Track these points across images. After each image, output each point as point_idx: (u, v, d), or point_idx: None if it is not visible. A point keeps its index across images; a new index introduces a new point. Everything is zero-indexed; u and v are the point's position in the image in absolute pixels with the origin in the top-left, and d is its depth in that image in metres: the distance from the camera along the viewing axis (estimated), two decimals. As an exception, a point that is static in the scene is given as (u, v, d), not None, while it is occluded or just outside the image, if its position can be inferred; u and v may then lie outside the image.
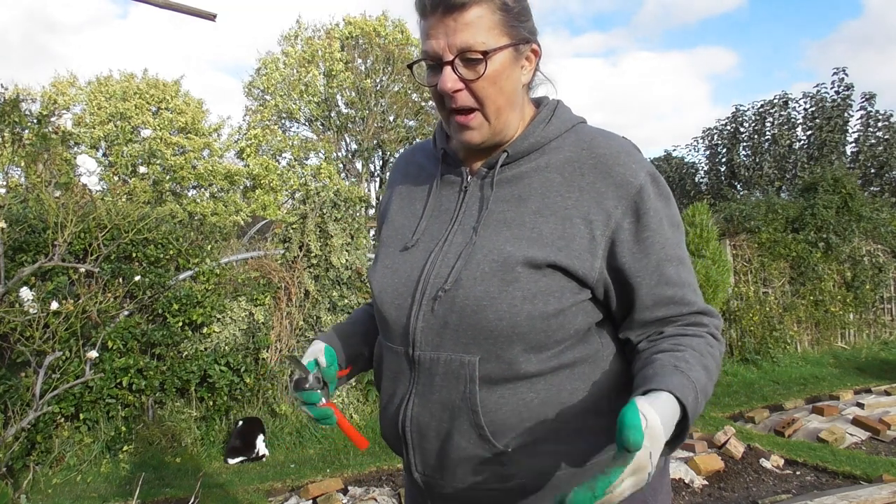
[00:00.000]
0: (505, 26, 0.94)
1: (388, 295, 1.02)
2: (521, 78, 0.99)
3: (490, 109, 0.96)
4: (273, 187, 17.81)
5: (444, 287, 0.94)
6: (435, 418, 0.96)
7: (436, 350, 0.95)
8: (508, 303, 0.90)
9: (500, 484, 0.95)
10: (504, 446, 0.93)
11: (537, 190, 0.97)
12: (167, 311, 4.65)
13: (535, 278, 0.91)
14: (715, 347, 0.95)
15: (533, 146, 1.00)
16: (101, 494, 3.90)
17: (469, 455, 0.94)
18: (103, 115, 16.79)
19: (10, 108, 4.28)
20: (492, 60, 0.92)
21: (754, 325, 6.97)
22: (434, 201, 1.05)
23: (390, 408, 1.03)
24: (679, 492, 3.59)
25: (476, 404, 0.93)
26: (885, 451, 4.29)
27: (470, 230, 0.98)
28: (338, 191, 5.50)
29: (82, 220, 3.97)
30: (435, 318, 0.95)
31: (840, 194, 7.90)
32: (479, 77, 0.92)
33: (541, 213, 0.95)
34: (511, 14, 0.95)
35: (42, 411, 3.02)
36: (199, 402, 4.76)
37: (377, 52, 18.18)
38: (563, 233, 0.93)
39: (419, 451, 0.99)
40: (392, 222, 1.10)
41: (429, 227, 1.03)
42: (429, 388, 0.96)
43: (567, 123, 1.03)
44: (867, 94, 13.25)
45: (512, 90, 0.97)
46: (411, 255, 1.02)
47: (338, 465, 4.35)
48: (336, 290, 5.25)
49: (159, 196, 15.09)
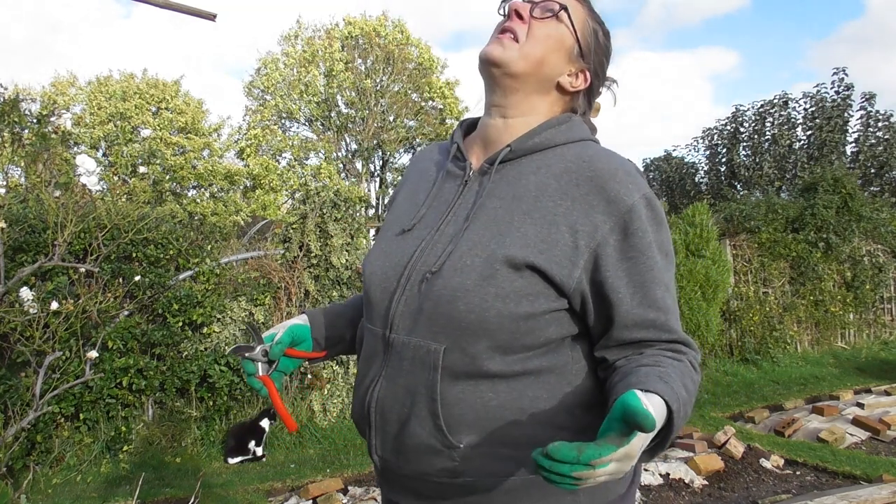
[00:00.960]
0: (582, 30, 1.03)
1: (377, 277, 1.04)
2: (562, 72, 1.03)
3: (527, 49, 0.99)
4: (273, 187, 17.81)
5: (432, 269, 0.96)
6: (398, 402, 0.97)
7: (409, 334, 0.97)
8: (481, 297, 0.91)
9: (448, 478, 0.95)
10: (457, 441, 0.93)
11: (531, 192, 0.98)
12: (167, 311, 4.65)
13: (512, 278, 0.92)
14: (694, 376, 0.92)
15: (537, 146, 1.01)
16: (101, 494, 3.90)
17: (422, 444, 0.95)
18: (103, 115, 16.79)
19: (9, 107, 4.28)
20: (560, 18, 1.01)
21: (754, 325, 6.97)
22: (436, 191, 1.07)
23: (360, 388, 1.05)
24: (679, 492, 3.59)
25: (436, 393, 0.93)
26: (885, 451, 4.29)
27: (461, 222, 0.99)
28: (338, 191, 5.50)
29: (82, 220, 3.97)
30: (415, 302, 0.97)
31: (840, 194, 7.90)
32: (542, 18, 1.00)
33: (530, 214, 0.96)
34: (591, 32, 1.04)
35: (42, 411, 3.02)
36: (199, 402, 4.76)
37: (377, 52, 18.17)
38: (546, 237, 0.93)
39: (380, 434, 1.01)
40: (395, 209, 1.13)
41: (427, 216, 1.05)
42: (397, 371, 0.98)
43: (577, 135, 1.04)
44: (867, 94, 13.26)
45: (553, 62, 1.02)
46: (405, 240, 1.04)
47: (338, 465, 4.35)
48: (336, 290, 5.25)
49: (159, 196, 15.09)
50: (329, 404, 5.08)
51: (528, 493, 0.94)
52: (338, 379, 5.13)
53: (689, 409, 0.87)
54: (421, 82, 18.71)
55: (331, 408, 5.07)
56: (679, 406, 0.80)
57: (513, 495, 0.94)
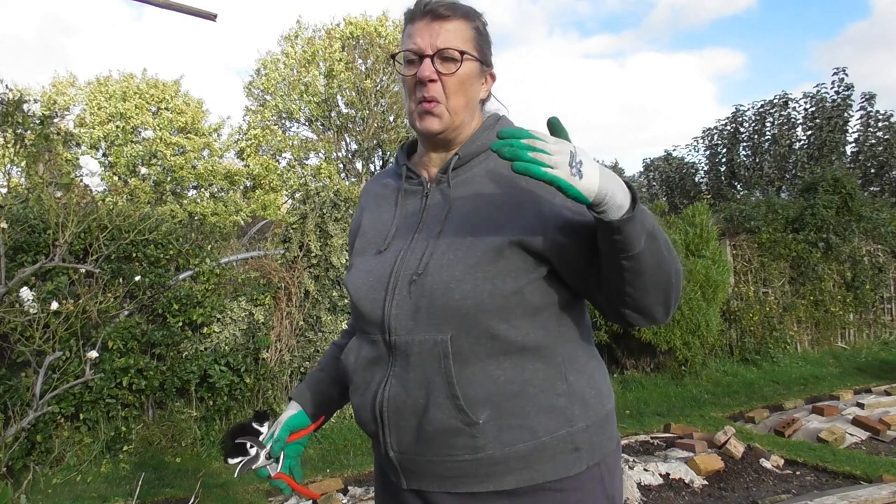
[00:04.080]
0: (476, 43, 1.13)
1: (364, 291, 1.13)
2: (479, 92, 1.17)
3: (453, 104, 1.11)
4: (273, 187, 17.80)
5: (418, 272, 1.06)
6: (412, 396, 1.05)
7: (410, 333, 1.06)
8: (472, 283, 1.02)
9: (471, 454, 1.04)
10: (476, 418, 1.02)
11: (488, 186, 1.10)
12: (167, 311, 4.66)
13: (495, 260, 1.03)
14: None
15: (480, 149, 1.14)
16: (101, 494, 3.90)
17: (444, 427, 1.04)
18: (103, 116, 16.78)
19: (13, 108, 4.27)
20: (465, 63, 1.10)
21: (754, 325, 6.97)
22: (401, 210, 1.19)
23: (367, 394, 1.12)
24: (679, 492, 3.59)
25: (452, 376, 1.02)
26: (885, 451, 4.29)
27: (433, 227, 1.11)
28: (338, 191, 5.50)
29: (83, 220, 3.97)
30: (409, 304, 1.06)
31: (840, 194, 7.90)
32: (451, 73, 1.10)
33: (494, 203, 1.08)
34: (482, 37, 1.15)
35: (42, 411, 3.02)
36: (199, 402, 4.77)
37: (378, 52, 18.16)
38: (514, 215, 1.05)
39: (395, 430, 1.08)
40: (364, 234, 1.23)
41: (398, 232, 1.16)
42: (405, 368, 1.06)
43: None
44: (867, 94, 13.26)
45: (473, 96, 1.15)
46: (384, 257, 1.14)
47: (338, 465, 4.35)
48: (336, 290, 5.25)
49: (159, 196, 15.09)
50: (329, 404, 5.07)
51: (538, 456, 1.04)
52: (338, 379, 5.13)
53: (663, 240, 0.97)
54: (421, 82, 18.66)
55: (331, 408, 5.07)
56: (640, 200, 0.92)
57: (526, 460, 1.04)
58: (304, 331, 5.20)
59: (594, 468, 1.08)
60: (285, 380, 5.04)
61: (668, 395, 5.98)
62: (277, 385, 5.00)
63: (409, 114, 1.17)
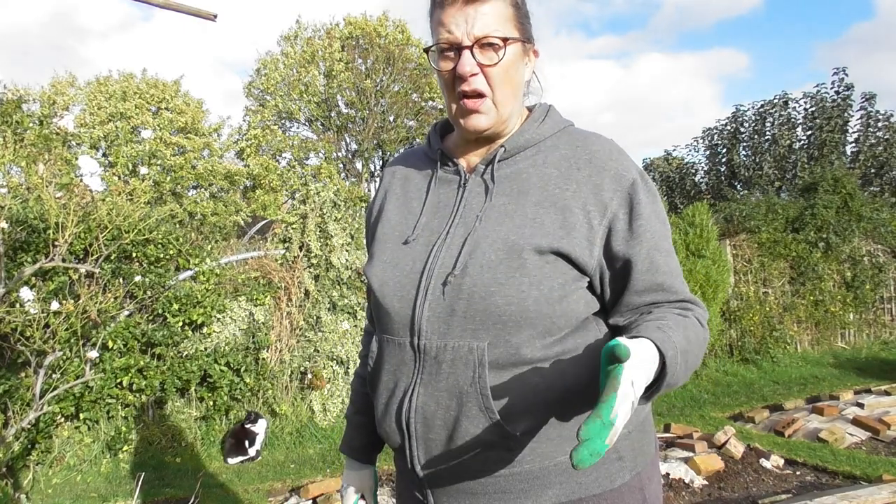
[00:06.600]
0: (516, 21, 1.01)
1: (390, 288, 1.03)
2: (525, 74, 1.05)
3: (499, 96, 1.00)
4: (273, 187, 17.79)
5: (454, 272, 0.97)
6: (442, 406, 0.97)
7: (443, 338, 0.97)
8: (517, 288, 0.94)
9: (507, 469, 0.97)
10: (513, 430, 0.95)
11: (536, 184, 1.01)
12: (167, 311, 4.66)
13: (540, 265, 0.95)
14: (699, 329, 0.98)
15: (528, 142, 1.05)
16: (101, 494, 3.90)
17: (477, 440, 0.95)
18: (103, 116, 16.77)
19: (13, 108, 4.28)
20: (508, 49, 0.98)
21: (754, 325, 6.97)
22: (433, 198, 1.08)
23: (392, 402, 1.03)
24: (679, 492, 3.59)
25: (486, 388, 0.94)
26: (885, 451, 4.29)
27: (472, 223, 1.01)
28: (338, 191, 5.50)
29: (83, 220, 3.97)
30: (443, 305, 0.97)
31: (840, 194, 7.90)
32: (495, 63, 0.98)
33: (541, 204, 0.99)
34: (521, 12, 1.02)
35: (42, 411, 3.02)
36: (199, 402, 4.77)
37: (377, 52, 18.17)
38: (563, 222, 0.97)
39: (423, 442, 1.00)
40: (388, 220, 1.12)
41: (428, 223, 1.06)
42: (435, 376, 0.98)
43: (559, 124, 1.09)
44: (867, 94, 13.25)
45: (519, 82, 1.03)
46: (412, 248, 1.04)
47: (338, 465, 4.35)
48: (336, 289, 5.25)
49: (159, 196, 15.07)
50: (329, 404, 5.08)
51: (572, 472, 0.98)
52: (338, 379, 5.13)
53: (693, 360, 0.93)
54: (421, 82, 18.70)
55: (331, 407, 5.07)
56: (675, 353, 0.85)
57: (568, 473, 0.97)
58: (304, 331, 5.20)
59: (635, 477, 1.02)
60: (285, 379, 5.04)
61: (668, 394, 5.98)
62: (277, 385, 5.00)
63: (448, 111, 1.04)
